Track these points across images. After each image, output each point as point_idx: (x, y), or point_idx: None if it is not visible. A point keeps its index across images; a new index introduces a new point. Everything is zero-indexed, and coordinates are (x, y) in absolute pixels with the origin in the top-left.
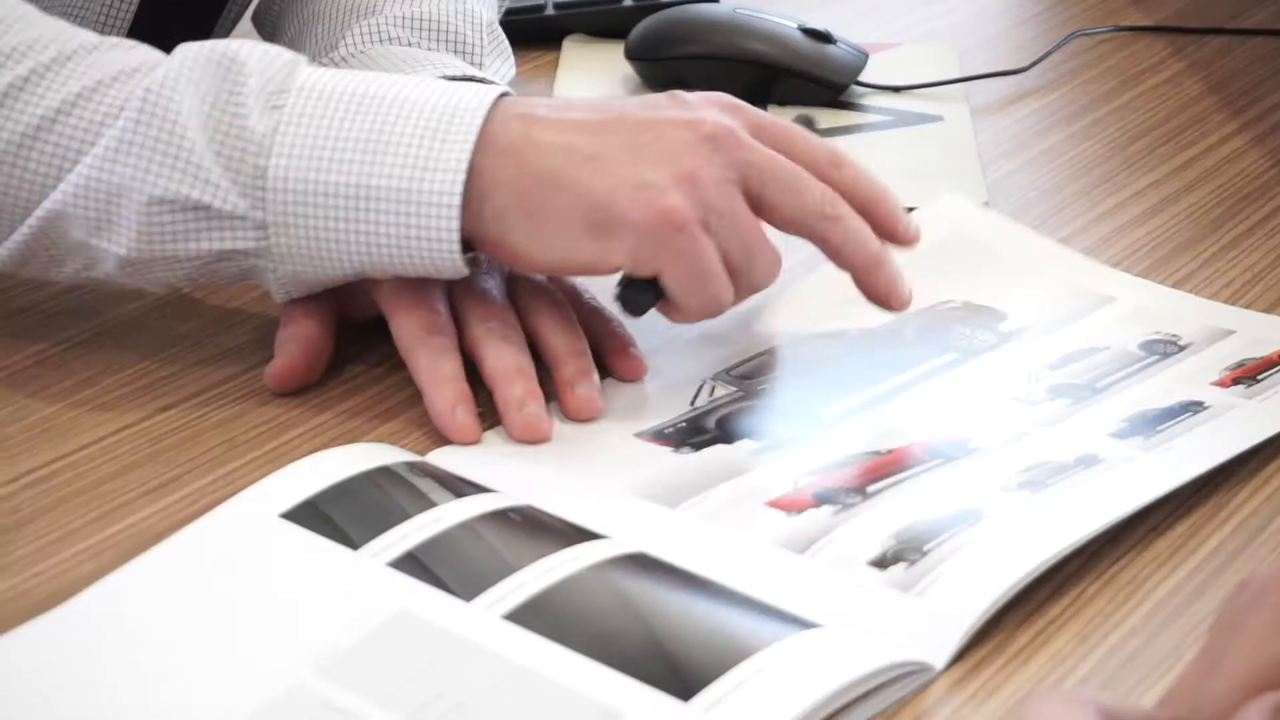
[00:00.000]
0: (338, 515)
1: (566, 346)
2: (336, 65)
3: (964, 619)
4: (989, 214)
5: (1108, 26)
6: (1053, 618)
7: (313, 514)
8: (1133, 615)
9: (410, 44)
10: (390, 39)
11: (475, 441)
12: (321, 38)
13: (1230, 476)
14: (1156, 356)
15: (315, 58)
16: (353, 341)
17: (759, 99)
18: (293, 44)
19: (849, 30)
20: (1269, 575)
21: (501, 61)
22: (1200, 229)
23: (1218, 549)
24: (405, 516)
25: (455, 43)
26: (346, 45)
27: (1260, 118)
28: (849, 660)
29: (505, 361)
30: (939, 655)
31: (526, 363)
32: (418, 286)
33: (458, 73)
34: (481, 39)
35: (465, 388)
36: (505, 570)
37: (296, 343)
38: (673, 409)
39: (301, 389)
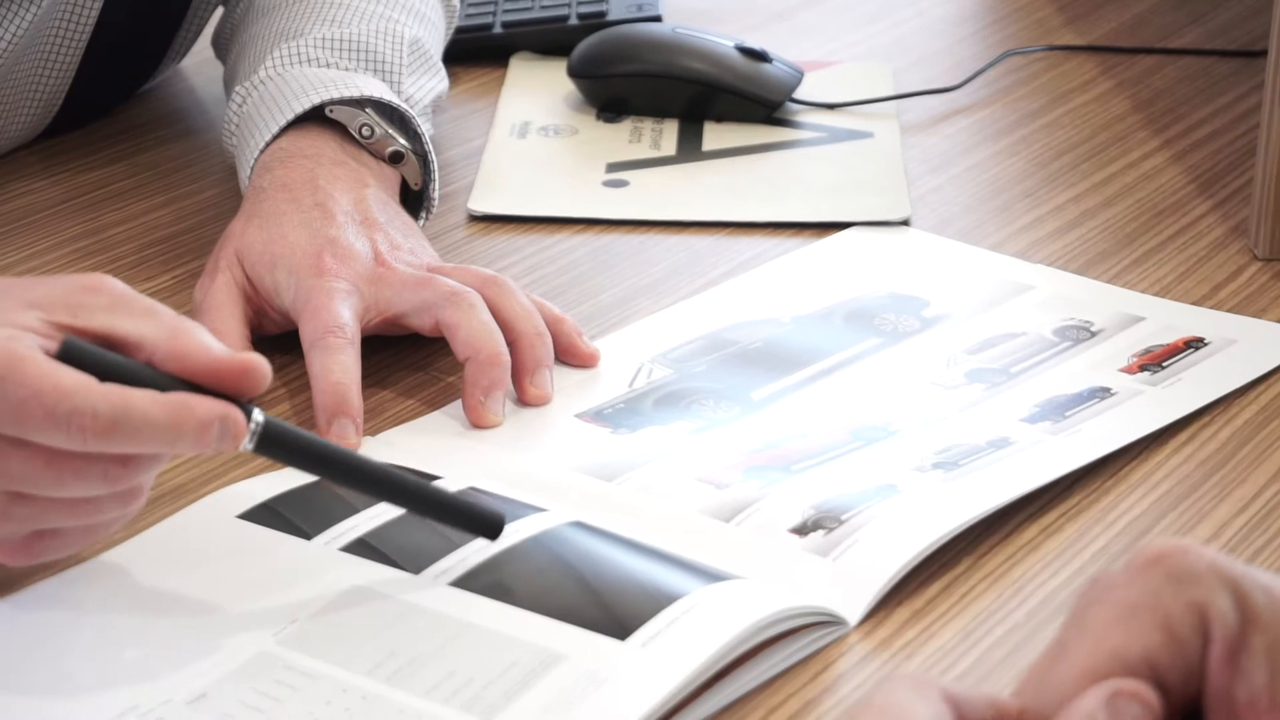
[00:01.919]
0: (291, 514)
1: (529, 328)
2: (257, 87)
3: (876, 580)
4: (908, 233)
5: (1041, 46)
6: (940, 613)
7: (268, 514)
8: (1016, 612)
9: (329, 64)
10: (309, 60)
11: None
12: (253, 59)
13: (1121, 481)
14: (1069, 342)
15: (244, 79)
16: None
17: (696, 116)
18: (235, 65)
19: (790, 49)
20: (1115, 572)
21: (427, 78)
22: (1115, 243)
23: (1103, 550)
24: (354, 510)
25: (373, 62)
26: (266, 68)
27: (1182, 135)
28: (771, 601)
29: (480, 344)
30: (852, 612)
31: (501, 344)
32: (324, 293)
33: (372, 92)
34: (400, 58)
35: (348, 394)
36: (450, 547)
37: None
38: (612, 390)
39: None
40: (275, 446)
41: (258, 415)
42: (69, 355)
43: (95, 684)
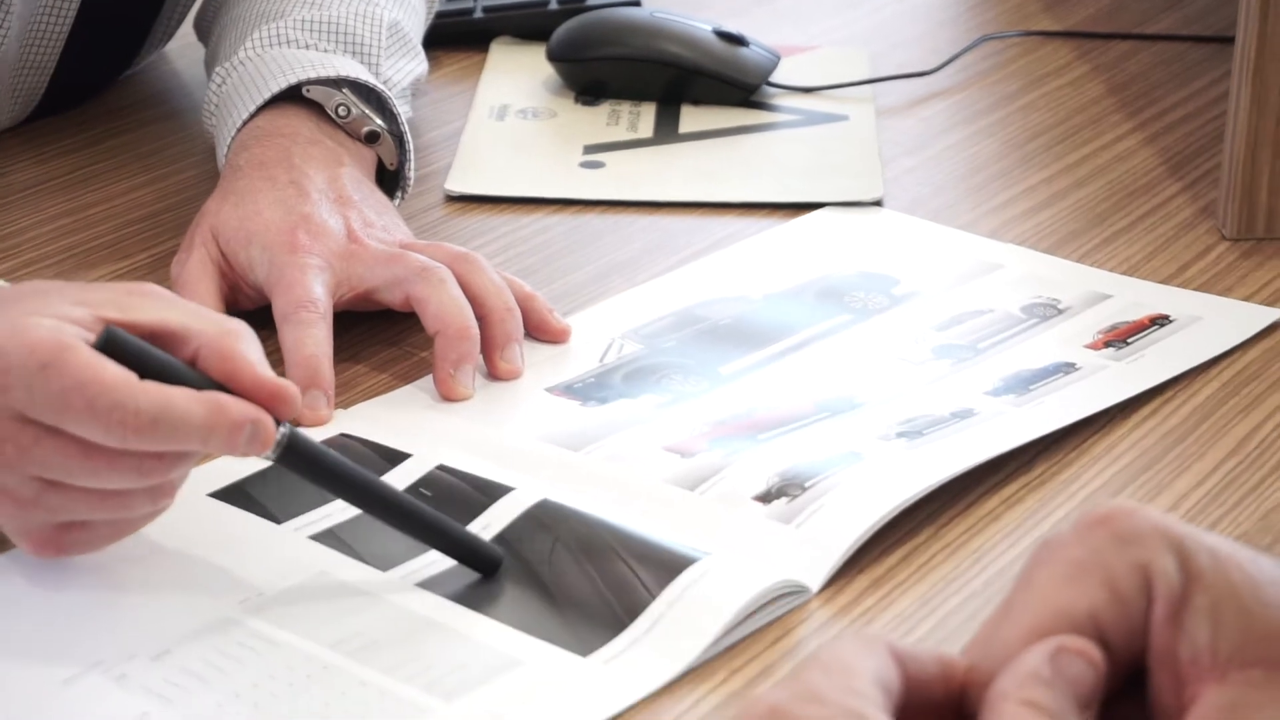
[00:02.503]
0: (262, 497)
1: (498, 303)
2: (236, 68)
3: (838, 547)
4: (880, 213)
5: (1018, 31)
6: (900, 581)
7: (239, 495)
8: (974, 581)
9: (309, 46)
10: (289, 41)
11: (323, 424)
12: (234, 41)
13: (1083, 454)
14: (1037, 319)
15: (224, 60)
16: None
17: (674, 99)
18: (216, 47)
19: (769, 34)
20: (1063, 533)
21: (405, 60)
22: (1085, 222)
23: (1063, 521)
24: (325, 500)
25: (352, 44)
26: (246, 49)
27: (1155, 118)
28: (734, 596)
29: (449, 318)
30: (814, 579)
31: (470, 318)
32: (296, 269)
33: (349, 73)
34: (379, 41)
35: (320, 367)
36: (419, 551)
37: None
38: (583, 365)
39: None
40: (296, 459)
41: (284, 427)
42: (110, 343)
43: (63, 640)
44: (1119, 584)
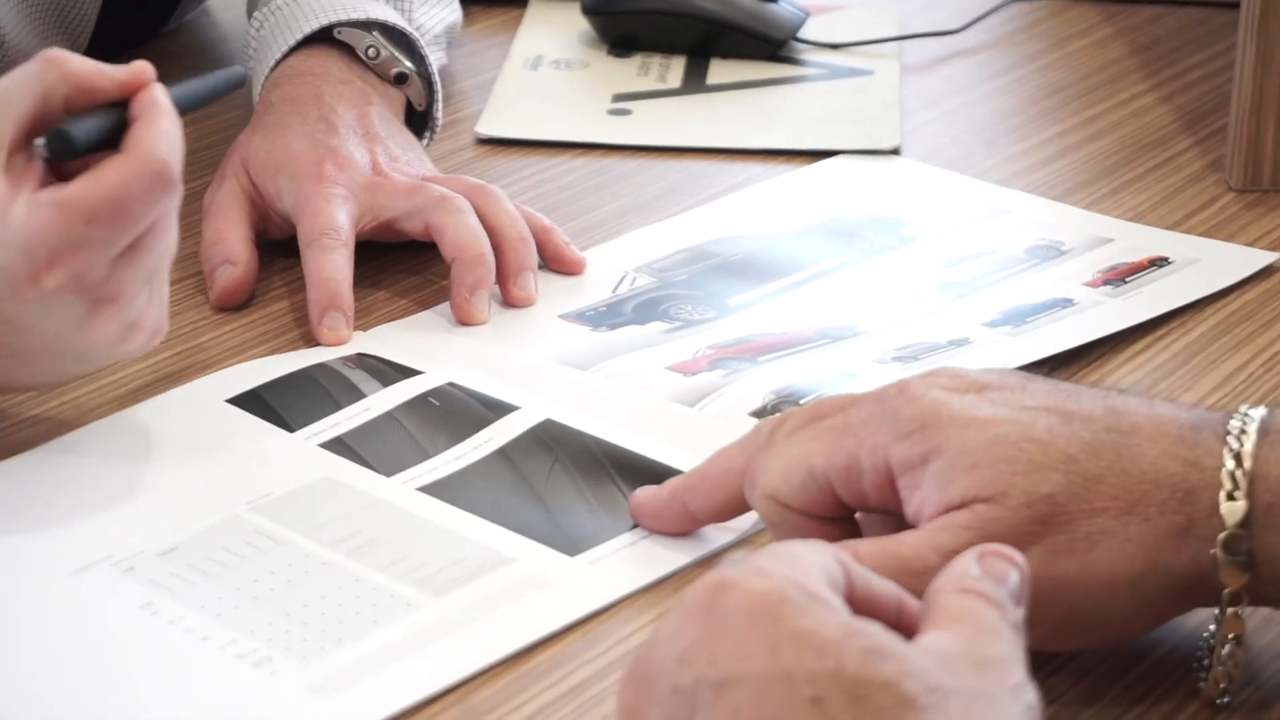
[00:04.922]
0: (278, 404)
1: (513, 233)
2: (274, 12)
3: None
4: (895, 161)
5: None
6: None
7: (256, 402)
8: None
9: None
10: None
11: (341, 343)
12: None
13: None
14: (1038, 260)
15: (264, 4)
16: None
17: (703, 52)
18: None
19: None
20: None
21: (439, 8)
22: (1095, 173)
23: None
24: (337, 407)
25: None
26: None
27: (1174, 78)
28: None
29: (465, 245)
30: None
31: (485, 245)
32: (322, 198)
33: (379, 16)
34: None
35: (340, 290)
36: (422, 456)
37: (234, 264)
38: (596, 295)
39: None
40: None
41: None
42: (59, 145)
43: (76, 535)
44: (857, 457)
